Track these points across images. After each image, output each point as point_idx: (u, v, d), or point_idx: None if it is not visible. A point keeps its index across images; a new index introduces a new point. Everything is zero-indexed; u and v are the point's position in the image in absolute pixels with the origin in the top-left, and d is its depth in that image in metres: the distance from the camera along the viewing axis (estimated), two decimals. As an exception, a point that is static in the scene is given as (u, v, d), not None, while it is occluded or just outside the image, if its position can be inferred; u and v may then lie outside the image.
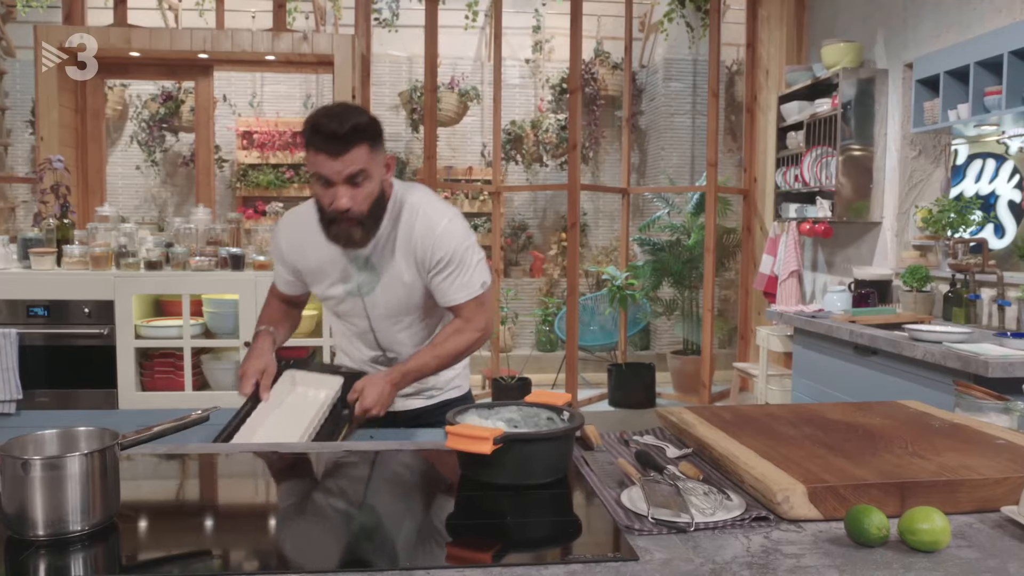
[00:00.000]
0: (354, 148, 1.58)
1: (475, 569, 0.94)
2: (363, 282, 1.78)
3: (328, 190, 1.61)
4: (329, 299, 1.85)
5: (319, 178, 1.61)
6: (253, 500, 1.32)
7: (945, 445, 1.31)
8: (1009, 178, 4.41)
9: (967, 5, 3.63)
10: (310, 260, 1.82)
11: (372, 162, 1.62)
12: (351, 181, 1.60)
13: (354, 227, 1.65)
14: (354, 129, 1.57)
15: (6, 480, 1.03)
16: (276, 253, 1.90)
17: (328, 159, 1.57)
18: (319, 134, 1.57)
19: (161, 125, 7.29)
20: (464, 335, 1.79)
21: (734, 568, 0.95)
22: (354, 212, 1.62)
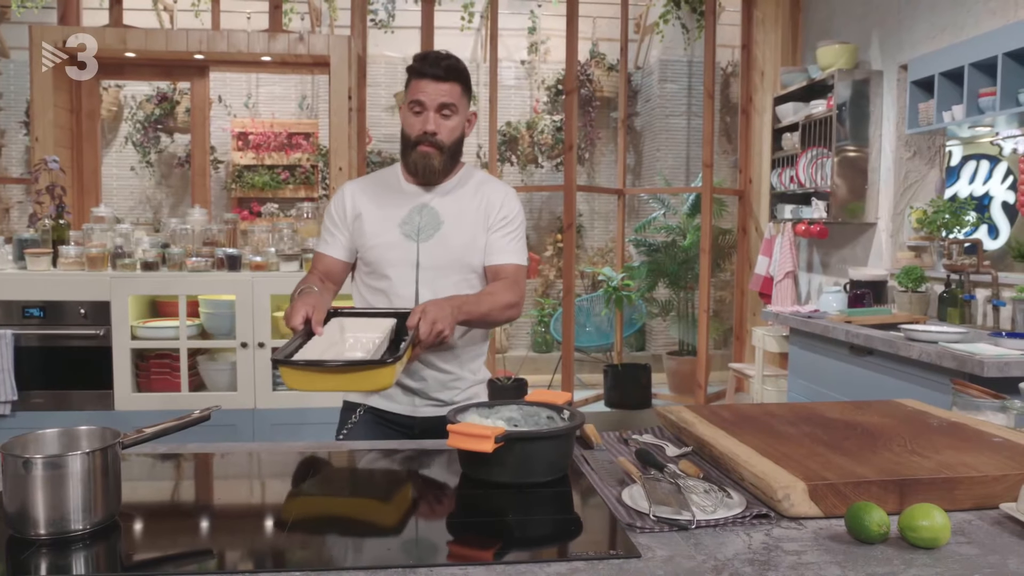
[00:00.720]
0: (451, 82, 1.75)
1: (478, 567, 0.95)
2: (424, 225, 1.81)
3: (420, 116, 1.76)
4: (379, 248, 1.82)
5: (414, 104, 1.75)
6: (253, 499, 1.32)
7: (943, 443, 1.32)
8: (1003, 179, 4.43)
9: (961, 7, 3.65)
10: (376, 203, 1.85)
11: (461, 102, 1.78)
12: (441, 111, 1.75)
13: (435, 154, 1.77)
14: (456, 67, 1.77)
15: (7, 479, 1.03)
16: (335, 209, 1.90)
17: (430, 82, 1.74)
18: (427, 60, 1.75)
19: (156, 126, 7.27)
20: (512, 292, 1.81)
21: (736, 565, 0.96)
22: (439, 138, 1.76)
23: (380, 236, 1.82)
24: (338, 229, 1.89)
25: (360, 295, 1.91)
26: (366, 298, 1.88)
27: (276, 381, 3.43)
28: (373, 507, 1.22)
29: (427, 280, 1.80)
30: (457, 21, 6.59)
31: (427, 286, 1.80)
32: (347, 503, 1.23)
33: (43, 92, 4.52)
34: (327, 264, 1.92)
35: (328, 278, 1.91)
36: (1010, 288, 3.23)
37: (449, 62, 1.77)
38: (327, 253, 1.92)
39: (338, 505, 1.21)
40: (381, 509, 1.22)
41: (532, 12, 7.26)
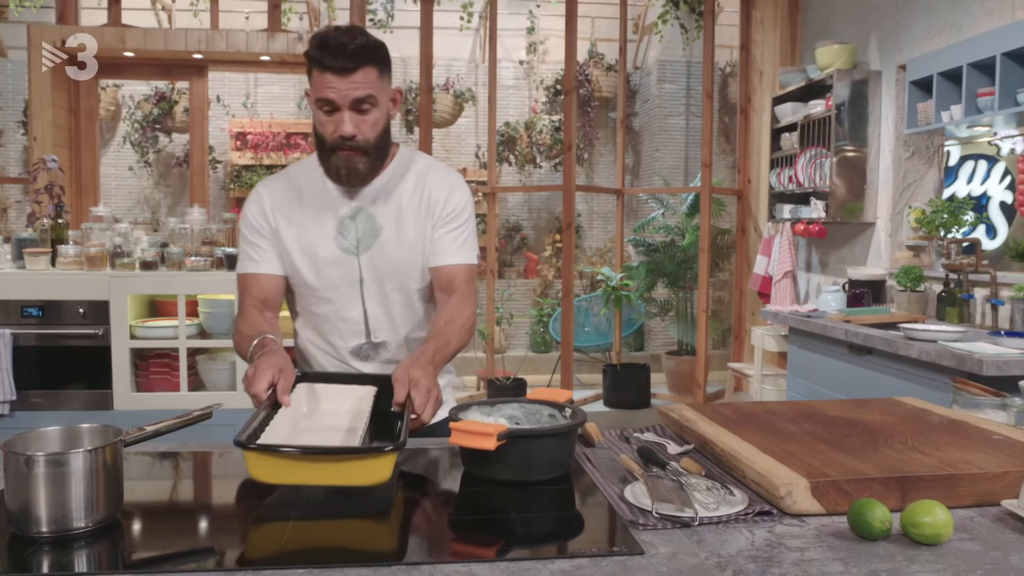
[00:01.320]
0: (363, 68, 1.46)
1: (481, 564, 0.95)
2: (362, 235, 1.58)
3: (332, 116, 1.50)
4: (315, 267, 1.58)
5: (323, 103, 1.49)
6: (255, 497, 1.31)
7: (944, 440, 1.32)
8: (1001, 179, 4.44)
9: (959, 7, 3.66)
10: (300, 214, 1.59)
11: (380, 89, 1.50)
12: (357, 107, 1.49)
13: (358, 157, 1.52)
14: (364, 47, 1.47)
15: (9, 477, 1.03)
16: (254, 219, 1.61)
17: (335, 78, 1.45)
18: (327, 49, 1.44)
19: (154, 126, 7.27)
20: (467, 306, 1.60)
21: (739, 562, 0.96)
22: (360, 140, 1.50)
23: (315, 253, 1.58)
24: (262, 238, 1.61)
25: (301, 323, 1.68)
26: (308, 324, 1.65)
27: (275, 381, 3.43)
28: (375, 504, 1.22)
29: (373, 296, 1.60)
30: (456, 21, 6.60)
31: (374, 303, 1.61)
32: (348, 501, 1.22)
33: (41, 92, 4.52)
34: (263, 285, 1.61)
35: (267, 304, 1.62)
36: (1009, 287, 3.24)
37: (356, 44, 1.45)
38: (261, 271, 1.61)
39: (339, 503, 1.21)
40: (383, 506, 1.22)
41: (530, 12, 7.27)
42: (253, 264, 1.62)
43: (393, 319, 1.63)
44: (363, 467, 1.09)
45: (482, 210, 7.12)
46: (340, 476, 1.10)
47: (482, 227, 6.76)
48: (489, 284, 5.80)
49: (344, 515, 1.15)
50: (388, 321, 1.63)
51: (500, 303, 5.97)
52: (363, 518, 1.15)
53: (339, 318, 1.61)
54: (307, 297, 1.63)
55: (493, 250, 5.97)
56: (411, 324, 1.66)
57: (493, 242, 5.99)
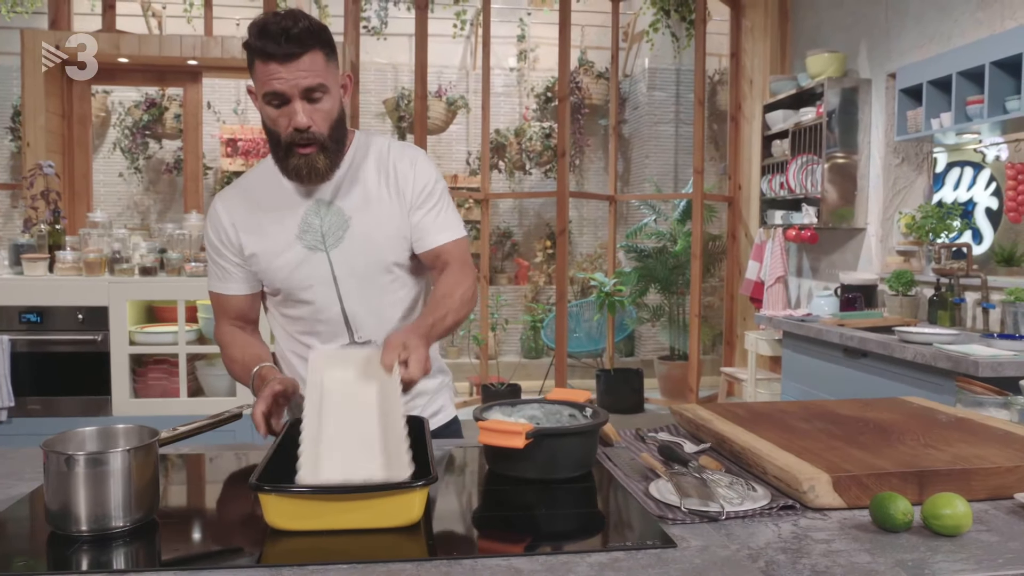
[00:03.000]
0: (309, 53, 1.35)
1: (520, 558, 0.97)
2: (328, 230, 1.49)
3: (282, 110, 1.39)
4: (282, 269, 1.50)
5: (271, 97, 1.38)
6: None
7: (955, 437, 1.36)
8: (986, 186, 4.53)
9: (948, 17, 3.74)
10: (260, 221, 1.51)
11: (329, 74, 1.40)
12: (308, 96, 1.39)
13: (316, 153, 1.42)
14: (308, 30, 1.35)
15: (50, 476, 1.04)
16: (216, 239, 1.53)
17: (280, 66, 1.34)
18: (269, 36, 1.33)
19: (144, 132, 7.24)
20: (465, 277, 1.52)
21: (769, 553, 0.99)
22: (315, 131, 1.40)
23: (279, 255, 1.50)
24: (227, 259, 1.54)
25: (280, 328, 1.61)
26: (287, 330, 1.59)
27: (275, 386, 3.43)
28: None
29: (351, 292, 1.51)
30: (448, 29, 6.64)
31: (354, 300, 1.52)
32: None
33: (35, 97, 4.50)
34: (236, 306, 1.57)
35: (245, 321, 1.58)
36: (999, 291, 3.31)
37: (300, 28, 1.34)
38: (230, 292, 1.56)
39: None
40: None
41: (521, 20, 7.32)
42: (222, 284, 1.56)
43: (377, 315, 1.54)
44: (393, 505, 1.04)
45: (475, 217, 7.15)
46: (368, 519, 1.04)
47: (475, 233, 6.78)
48: (483, 290, 5.82)
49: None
50: (371, 318, 1.54)
51: (494, 309, 6.00)
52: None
53: (317, 320, 1.53)
54: (283, 303, 1.56)
55: (486, 256, 5.99)
56: (398, 319, 1.56)
57: (486, 248, 6.02)
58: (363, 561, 0.95)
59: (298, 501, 1.03)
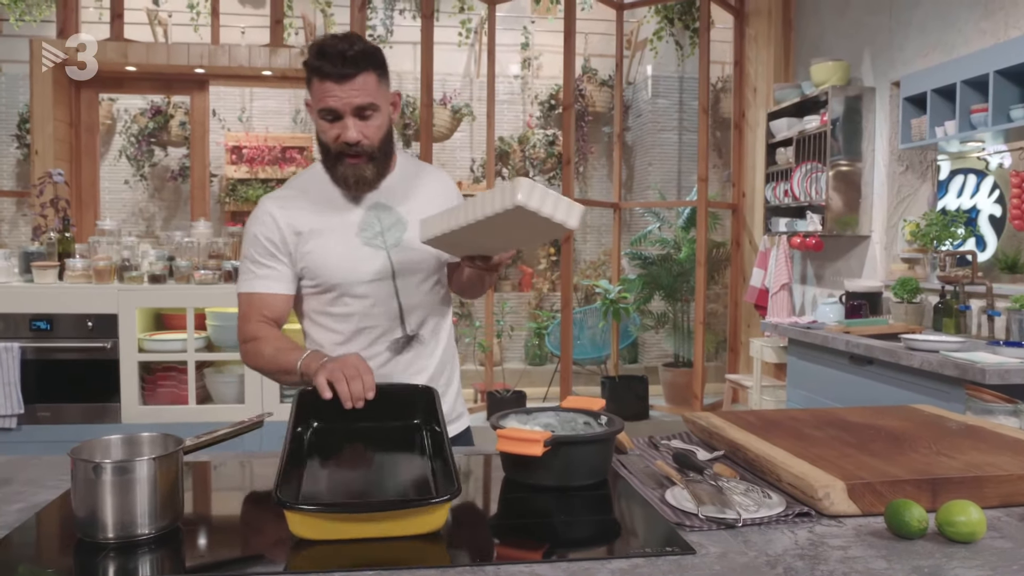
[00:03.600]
0: (363, 74, 1.47)
1: (543, 564, 0.98)
2: (387, 230, 1.59)
3: (335, 124, 1.50)
4: (343, 264, 1.57)
5: (325, 113, 1.50)
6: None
7: (966, 445, 1.37)
8: (989, 193, 4.55)
9: (951, 27, 3.76)
10: (316, 220, 1.58)
11: (380, 94, 1.52)
12: (360, 114, 1.50)
13: (364, 163, 1.54)
14: (363, 53, 1.47)
15: (77, 484, 1.05)
16: (264, 239, 1.58)
17: (335, 85, 1.46)
18: (326, 57, 1.45)
19: (149, 139, 7.28)
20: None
21: (787, 560, 1.00)
22: (364, 145, 1.52)
23: (338, 250, 1.57)
24: (274, 258, 1.58)
25: (318, 326, 1.64)
26: (329, 328, 1.62)
27: (284, 393, 3.45)
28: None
29: (405, 288, 1.61)
30: (452, 37, 6.67)
31: (407, 296, 1.62)
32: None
33: (43, 105, 4.53)
34: (274, 305, 1.58)
35: (277, 323, 1.59)
36: (1004, 299, 3.32)
37: (356, 51, 1.46)
38: (270, 291, 1.58)
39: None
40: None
41: (525, 28, 7.36)
42: (261, 283, 1.58)
43: (424, 310, 1.66)
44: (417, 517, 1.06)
45: (478, 223, 7.16)
46: (392, 529, 1.05)
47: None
48: (488, 297, 5.84)
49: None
50: (420, 312, 1.65)
51: (500, 316, 6.01)
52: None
53: (373, 314, 1.60)
54: (334, 301, 1.59)
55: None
56: (438, 314, 1.70)
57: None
58: (389, 567, 0.97)
59: (323, 519, 1.04)
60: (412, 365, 1.65)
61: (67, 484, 1.28)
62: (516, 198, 1.22)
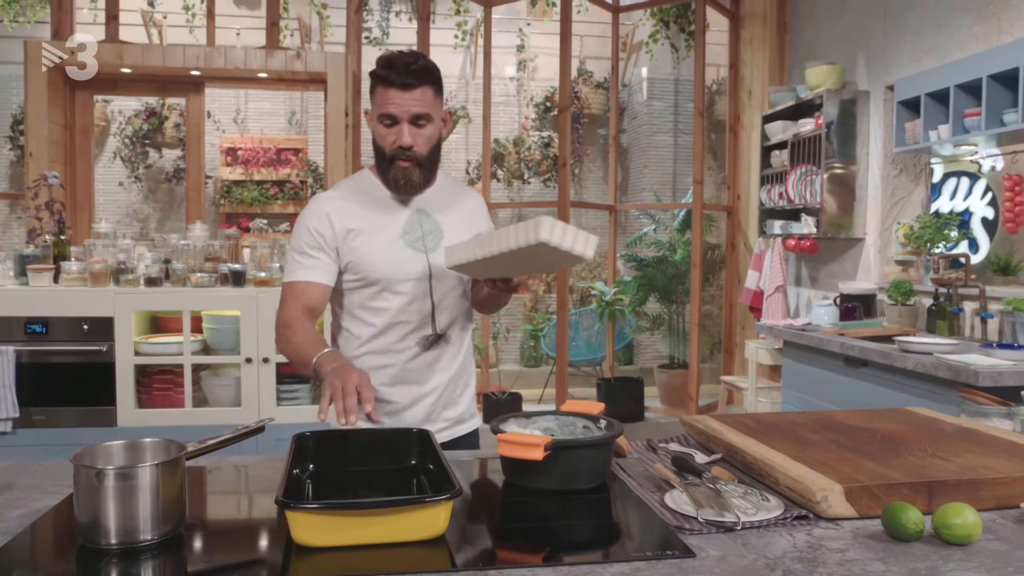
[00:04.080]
0: (422, 87, 1.65)
1: (544, 568, 0.99)
2: (427, 236, 1.74)
3: (392, 129, 1.67)
4: (387, 262, 1.70)
5: (385, 118, 1.67)
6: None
7: (961, 447, 1.39)
8: (982, 196, 4.58)
9: (945, 31, 3.79)
10: (365, 218, 1.72)
11: (435, 107, 1.69)
12: (415, 122, 1.66)
13: (414, 168, 1.69)
14: (425, 68, 1.66)
15: (80, 489, 1.06)
16: (315, 231, 1.71)
17: (399, 92, 1.64)
18: (392, 68, 1.63)
19: (144, 141, 7.26)
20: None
21: (786, 563, 1.01)
22: (416, 151, 1.68)
23: (387, 250, 1.71)
24: (321, 251, 1.71)
25: (355, 319, 1.75)
26: (366, 321, 1.74)
27: (281, 396, 3.45)
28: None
29: (438, 289, 1.75)
30: (448, 39, 6.68)
31: (439, 296, 1.75)
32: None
33: (37, 107, 4.52)
34: (313, 294, 1.70)
35: (312, 312, 1.71)
36: (998, 301, 3.34)
37: (418, 65, 1.64)
38: (313, 280, 1.70)
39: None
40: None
41: (520, 30, 7.36)
42: (308, 272, 1.71)
43: (452, 312, 1.79)
44: (419, 518, 1.06)
45: (473, 225, 7.16)
46: (395, 532, 1.06)
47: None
48: (483, 299, 5.84)
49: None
50: (449, 314, 1.78)
51: (496, 318, 6.02)
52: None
53: (409, 311, 1.73)
54: (375, 296, 1.72)
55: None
56: (464, 319, 1.84)
57: (486, 257, 6.04)
58: (392, 573, 0.98)
59: (326, 516, 1.04)
60: (437, 362, 1.77)
61: (68, 489, 1.29)
62: (540, 235, 1.33)
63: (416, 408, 1.76)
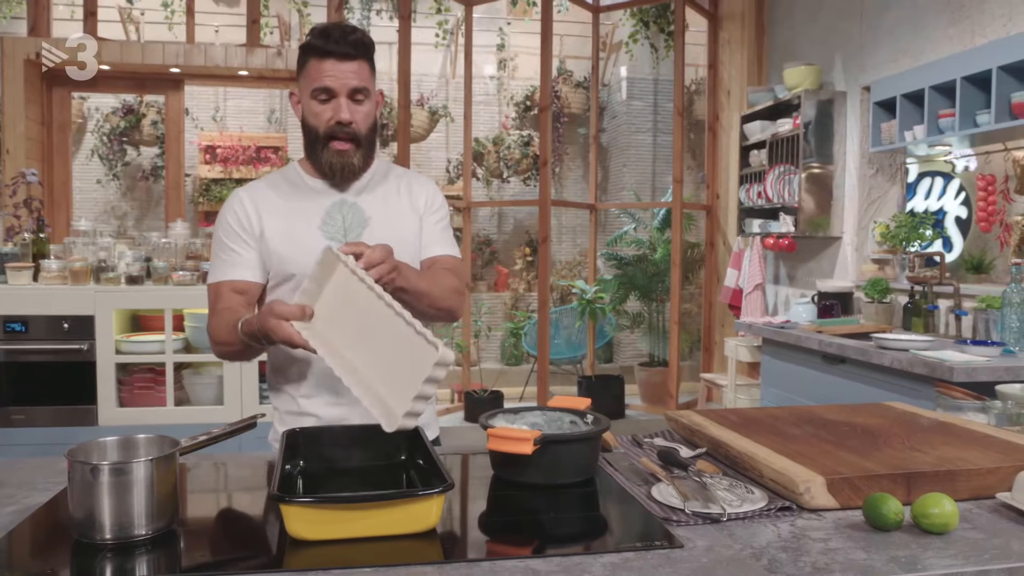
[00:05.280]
0: (359, 59, 1.54)
1: (537, 559, 1.01)
2: (349, 226, 1.59)
3: (327, 104, 1.54)
4: (301, 255, 1.54)
5: (320, 92, 1.53)
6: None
7: (938, 440, 1.43)
8: (955, 195, 4.67)
9: (920, 33, 3.86)
10: (283, 208, 1.59)
11: (371, 84, 1.58)
12: (352, 97, 1.54)
13: (351, 151, 1.56)
14: (362, 41, 1.55)
15: (75, 485, 1.06)
16: (235, 223, 1.59)
17: (336, 63, 1.51)
18: (329, 38, 1.51)
19: (121, 139, 7.19)
20: (455, 278, 1.64)
21: (771, 552, 1.04)
22: (354, 128, 1.55)
23: (299, 241, 1.56)
24: (243, 244, 1.58)
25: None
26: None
27: (263, 395, 3.44)
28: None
29: None
30: (428, 37, 6.68)
31: None
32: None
33: (14, 104, 4.47)
34: (241, 290, 1.57)
35: (246, 308, 1.57)
36: (971, 299, 3.42)
37: (356, 36, 1.53)
38: (239, 277, 1.57)
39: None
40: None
41: (500, 29, 7.38)
42: (232, 268, 1.58)
43: None
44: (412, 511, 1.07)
45: (456, 225, 7.18)
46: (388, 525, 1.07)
47: (457, 241, 6.81)
48: (467, 296, 5.86)
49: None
50: None
51: (477, 316, 6.03)
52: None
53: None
54: (293, 292, 1.54)
55: (468, 264, 6.03)
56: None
57: (468, 256, 6.06)
58: (386, 565, 0.99)
59: (321, 510, 1.06)
60: None
61: (59, 486, 1.29)
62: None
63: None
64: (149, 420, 3.32)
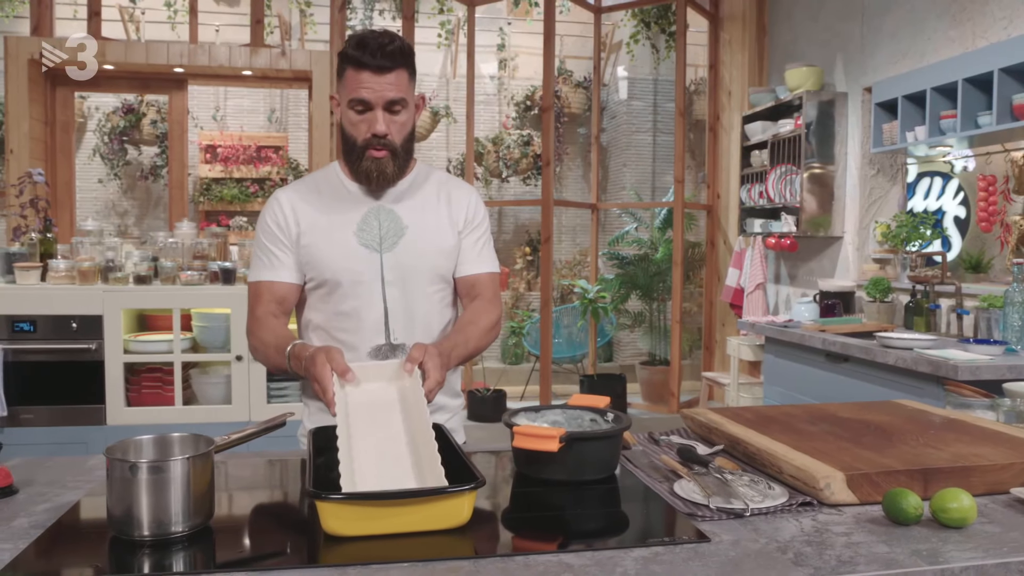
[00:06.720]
0: (397, 70, 1.52)
1: (569, 554, 1.04)
2: (385, 233, 1.59)
3: (364, 116, 1.53)
4: (336, 261, 1.57)
5: (356, 103, 1.52)
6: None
7: (951, 437, 1.46)
8: (954, 195, 4.71)
9: (921, 35, 3.90)
10: (322, 212, 1.60)
11: (409, 92, 1.56)
12: (389, 108, 1.53)
13: (387, 159, 1.56)
14: (400, 50, 1.52)
15: (113, 482, 1.08)
16: (273, 225, 1.61)
17: (373, 76, 1.50)
18: (366, 49, 1.49)
19: (121, 138, 7.19)
20: (492, 310, 1.65)
21: (796, 546, 1.07)
22: (390, 139, 1.55)
23: (334, 247, 1.58)
24: (282, 247, 1.60)
25: (315, 325, 1.64)
26: (326, 326, 1.62)
27: (271, 394, 3.46)
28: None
29: (394, 296, 1.59)
30: (432, 38, 6.69)
31: (395, 303, 1.59)
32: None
33: (18, 104, 4.47)
34: (280, 293, 1.60)
35: (283, 311, 1.61)
36: (972, 298, 3.45)
37: (394, 46, 1.51)
38: (277, 279, 1.60)
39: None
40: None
41: (501, 29, 7.40)
42: (271, 271, 1.60)
43: (413, 321, 1.61)
44: (445, 508, 1.09)
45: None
46: (421, 522, 1.09)
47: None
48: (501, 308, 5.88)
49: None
50: (408, 323, 1.61)
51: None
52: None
53: (360, 316, 1.59)
54: (327, 296, 1.60)
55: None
56: (431, 329, 1.64)
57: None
58: (424, 560, 1.01)
59: (356, 507, 1.07)
60: None
61: (88, 484, 1.31)
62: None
63: None
64: (157, 419, 3.33)
